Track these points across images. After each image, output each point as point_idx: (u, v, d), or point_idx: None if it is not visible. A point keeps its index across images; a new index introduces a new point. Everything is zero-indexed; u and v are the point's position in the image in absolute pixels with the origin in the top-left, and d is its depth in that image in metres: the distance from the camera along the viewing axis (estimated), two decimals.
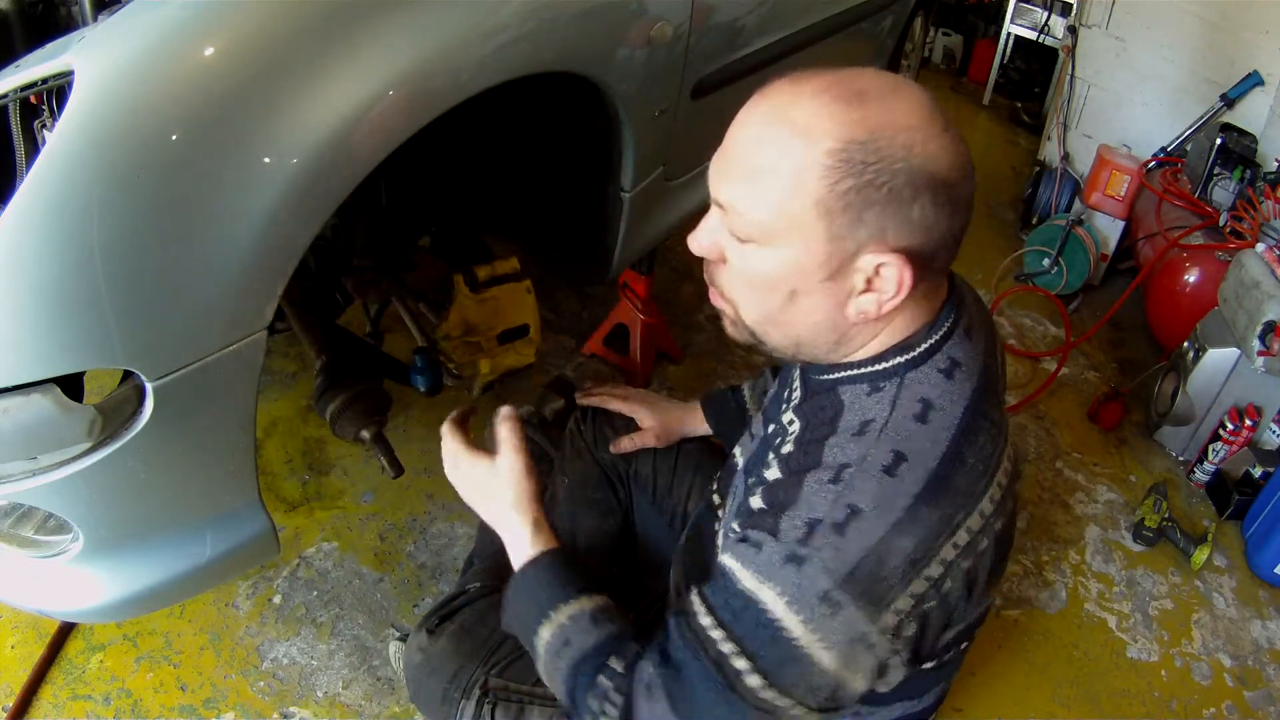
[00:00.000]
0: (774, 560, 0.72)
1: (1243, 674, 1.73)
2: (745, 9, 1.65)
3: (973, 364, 0.79)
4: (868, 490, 0.72)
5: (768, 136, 0.72)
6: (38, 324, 0.81)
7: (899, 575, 0.71)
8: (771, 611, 0.71)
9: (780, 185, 0.71)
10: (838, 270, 0.73)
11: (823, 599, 0.69)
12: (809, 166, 0.70)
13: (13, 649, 1.40)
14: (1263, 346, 1.94)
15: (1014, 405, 2.32)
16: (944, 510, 0.72)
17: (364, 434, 1.36)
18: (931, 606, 0.73)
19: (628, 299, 2.07)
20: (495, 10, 1.07)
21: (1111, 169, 2.78)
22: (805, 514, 0.72)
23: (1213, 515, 2.09)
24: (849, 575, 0.69)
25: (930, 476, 0.72)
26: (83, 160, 0.79)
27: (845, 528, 0.70)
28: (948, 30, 4.73)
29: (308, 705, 1.39)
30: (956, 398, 0.76)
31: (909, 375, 0.78)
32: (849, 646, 0.71)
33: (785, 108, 0.72)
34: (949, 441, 0.74)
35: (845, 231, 0.71)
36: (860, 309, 0.75)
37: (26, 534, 1.02)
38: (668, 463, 1.28)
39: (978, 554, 0.75)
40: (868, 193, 0.69)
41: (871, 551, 0.70)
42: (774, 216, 0.72)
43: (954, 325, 0.80)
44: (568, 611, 0.85)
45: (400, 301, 1.64)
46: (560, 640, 0.84)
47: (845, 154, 0.69)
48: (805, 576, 0.70)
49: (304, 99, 0.88)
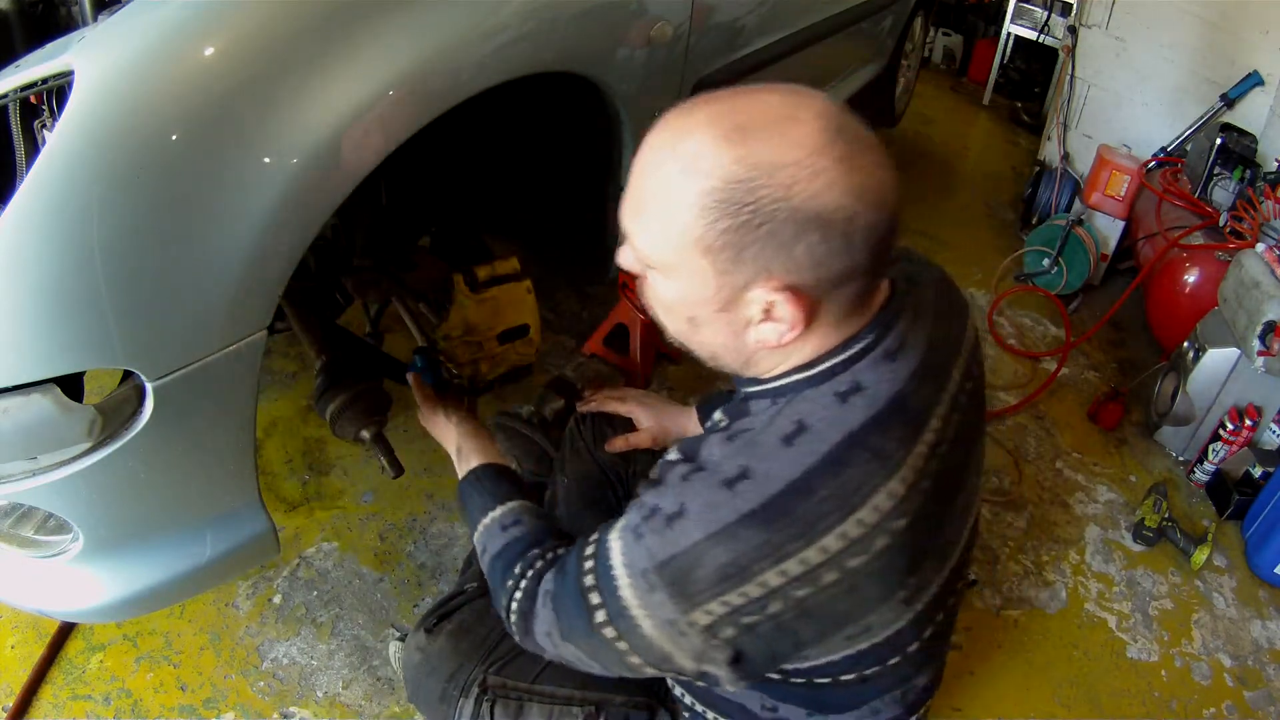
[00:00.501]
0: (629, 524, 0.78)
1: (1243, 674, 1.73)
2: (745, 9, 1.65)
3: (882, 390, 0.75)
4: (700, 496, 0.74)
5: (658, 168, 0.72)
6: (38, 324, 0.81)
7: (710, 582, 0.72)
8: (614, 566, 0.77)
9: (665, 221, 0.71)
10: (729, 302, 0.73)
11: (642, 574, 0.75)
12: (689, 204, 0.69)
13: (13, 649, 1.40)
14: (1263, 346, 1.94)
15: (1014, 405, 2.32)
16: (771, 536, 0.71)
17: (364, 434, 1.36)
18: (754, 621, 0.74)
19: (628, 299, 2.07)
20: (495, 10, 1.07)
21: (1111, 169, 2.78)
22: (656, 496, 0.77)
23: (1213, 515, 2.09)
24: (663, 564, 0.74)
25: (766, 500, 0.72)
26: (83, 160, 0.79)
27: (672, 522, 0.74)
28: (948, 30, 4.74)
29: (308, 705, 1.39)
30: (837, 425, 0.74)
31: (804, 393, 0.77)
32: (663, 625, 0.75)
33: (675, 139, 0.71)
34: (803, 470, 0.72)
35: (729, 268, 0.71)
36: (760, 338, 0.75)
37: (26, 534, 1.02)
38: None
39: (820, 586, 0.73)
40: (745, 233, 0.68)
41: (686, 552, 0.73)
42: (661, 250, 0.73)
43: (870, 347, 0.77)
44: (484, 522, 1.00)
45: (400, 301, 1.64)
46: (481, 544, 0.99)
47: (723, 193, 0.68)
48: (635, 550, 0.76)
49: (304, 99, 0.88)
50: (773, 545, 0.71)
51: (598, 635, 0.79)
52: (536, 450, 1.44)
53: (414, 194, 1.59)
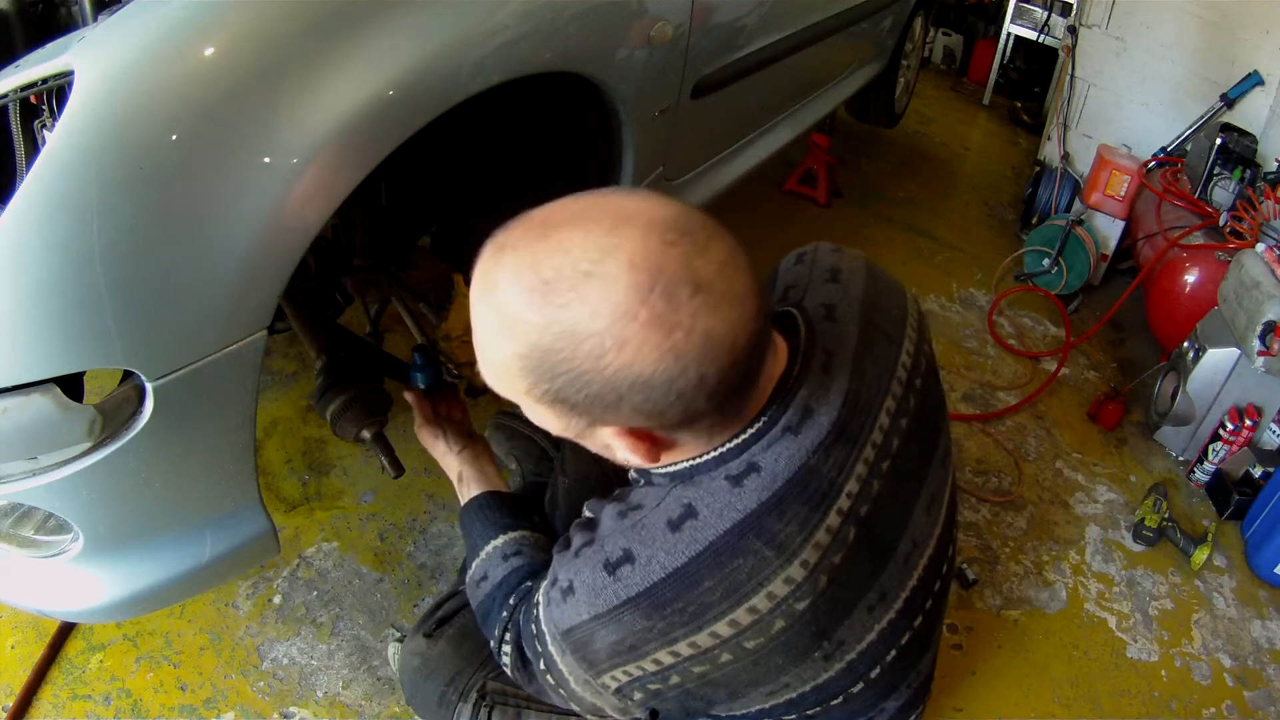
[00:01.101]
0: (546, 588, 0.81)
1: (1243, 674, 1.73)
2: (745, 9, 1.65)
3: (779, 469, 0.72)
4: (584, 576, 0.75)
5: (478, 317, 0.67)
6: (38, 324, 0.81)
7: (606, 655, 0.74)
8: (541, 622, 0.81)
9: (496, 370, 0.67)
10: (582, 434, 0.70)
11: (553, 639, 0.79)
12: (509, 363, 0.65)
13: (13, 649, 1.40)
14: (1263, 346, 1.94)
15: (1014, 405, 2.32)
16: (654, 623, 0.71)
17: (364, 434, 1.36)
18: (659, 688, 0.75)
19: None
20: (495, 10, 1.07)
21: (1111, 169, 2.78)
22: (556, 566, 0.80)
23: (1213, 515, 2.09)
24: (566, 634, 0.77)
25: (648, 589, 0.71)
26: (83, 160, 0.79)
27: (566, 597, 0.76)
28: (948, 30, 4.74)
29: (308, 705, 1.39)
30: (726, 513, 0.71)
31: (695, 478, 0.74)
32: (581, 683, 0.79)
33: (488, 290, 0.65)
34: (686, 560, 0.70)
35: (567, 414, 0.67)
36: (626, 458, 0.72)
37: (26, 534, 1.02)
38: None
39: (717, 664, 0.73)
40: (565, 396, 0.64)
41: (579, 627, 0.75)
42: (504, 392, 0.69)
43: (766, 428, 0.72)
44: (486, 550, 1.01)
45: (400, 301, 1.64)
46: (480, 573, 0.99)
47: (535, 360, 0.63)
48: (548, 614, 0.79)
49: (304, 99, 0.88)
50: (658, 631, 0.71)
51: (547, 680, 0.83)
52: (536, 450, 1.44)
53: (414, 194, 1.59)
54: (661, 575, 0.71)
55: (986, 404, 2.32)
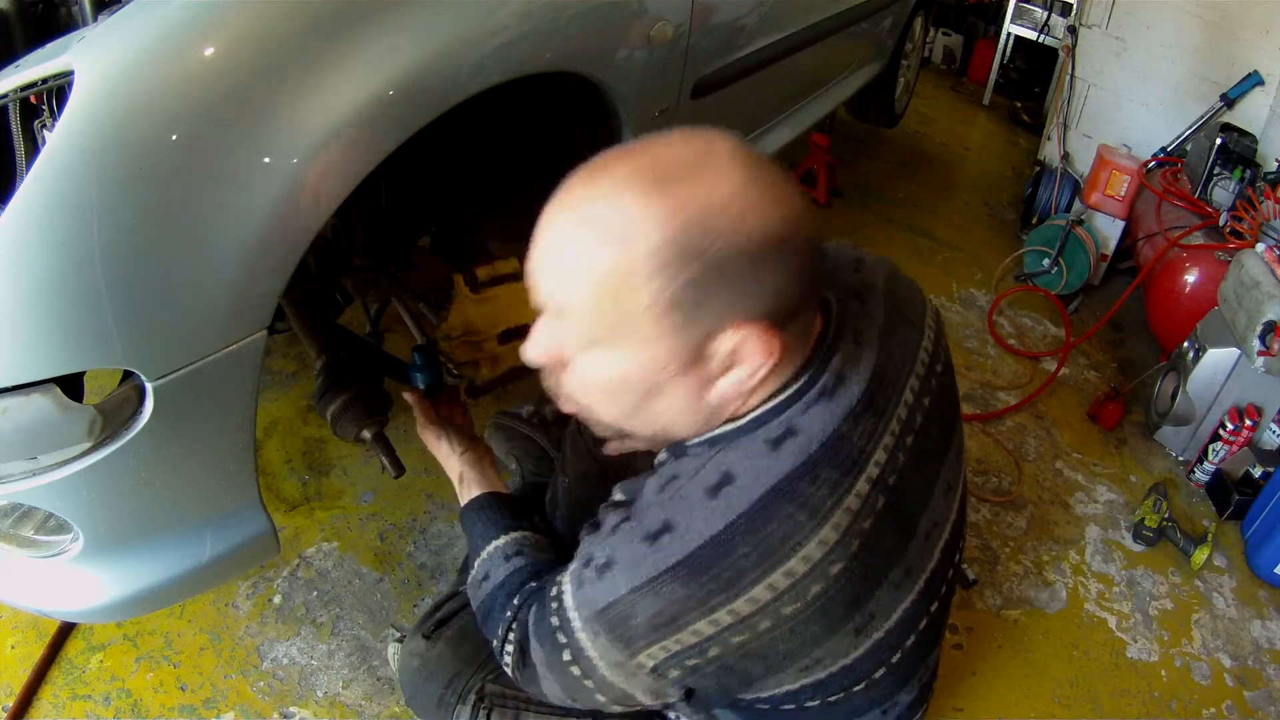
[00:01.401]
0: (574, 571, 0.80)
1: (1243, 674, 1.73)
2: (745, 9, 1.65)
3: (815, 431, 0.73)
4: (624, 549, 0.75)
5: (580, 242, 0.67)
6: (38, 324, 0.81)
7: (644, 630, 0.73)
8: (568, 609, 0.79)
9: (607, 292, 0.66)
10: (690, 361, 0.69)
11: (587, 621, 0.77)
12: (633, 271, 0.64)
13: (13, 649, 1.40)
14: (1263, 346, 1.94)
15: (1014, 405, 2.32)
16: (694, 591, 0.71)
17: (365, 434, 1.36)
18: (697, 663, 0.74)
19: None
20: (495, 10, 1.07)
21: (1111, 169, 2.78)
22: (590, 545, 0.80)
23: (1213, 515, 2.09)
24: (601, 612, 0.75)
25: (687, 556, 0.71)
26: (83, 160, 0.79)
27: (603, 573, 0.76)
28: (948, 30, 4.74)
29: (308, 705, 1.39)
30: (764, 476, 0.72)
31: (735, 442, 0.74)
32: (615, 667, 0.77)
33: (590, 207, 0.66)
34: (724, 526, 0.71)
35: (688, 324, 0.66)
36: (721, 393, 0.72)
37: (26, 534, 1.02)
38: None
39: (756, 633, 0.73)
40: (704, 282, 0.64)
41: (615, 603, 0.74)
42: (607, 322, 0.67)
43: (805, 388, 0.74)
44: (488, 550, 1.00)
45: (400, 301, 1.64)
46: (482, 573, 0.98)
47: (668, 251, 0.63)
48: (579, 597, 0.78)
49: (304, 99, 0.88)
50: (697, 599, 0.71)
51: (568, 673, 0.81)
52: (536, 450, 1.44)
53: (414, 194, 1.59)
54: (699, 542, 0.71)
55: (986, 404, 2.32)
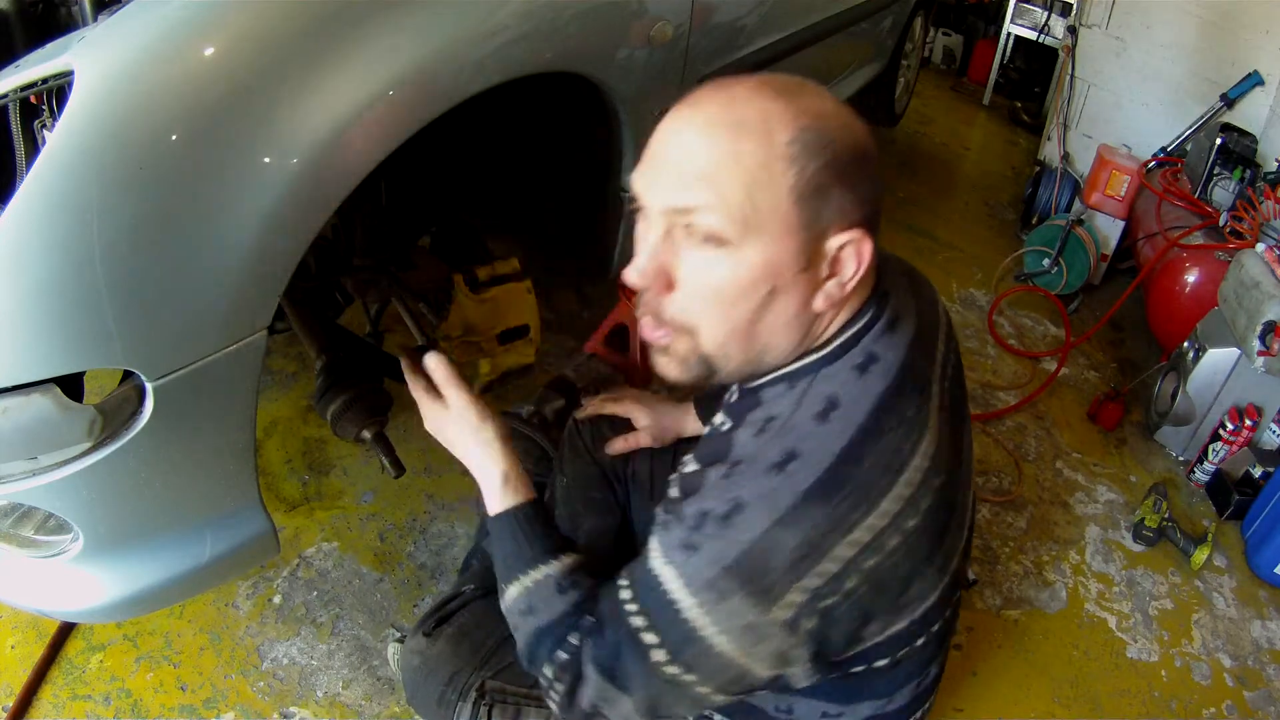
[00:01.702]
0: (674, 543, 0.75)
1: (1243, 674, 1.73)
2: (745, 9, 1.65)
3: (891, 359, 0.78)
4: (753, 486, 0.73)
5: (724, 140, 0.72)
6: (38, 324, 0.81)
7: (786, 569, 0.71)
8: (671, 592, 0.74)
9: (751, 180, 0.71)
10: (811, 258, 0.74)
11: (709, 585, 0.72)
12: (775, 157, 0.71)
13: (13, 649, 1.40)
14: (1263, 346, 1.94)
15: (1014, 405, 2.32)
16: (835, 509, 0.72)
17: (365, 434, 1.36)
18: (833, 603, 0.73)
19: (628, 299, 2.07)
20: (495, 10, 1.07)
21: (1111, 169, 2.79)
22: (699, 503, 0.75)
23: (1213, 515, 2.09)
24: (733, 565, 0.71)
25: (821, 475, 0.72)
26: (83, 160, 0.79)
27: (730, 520, 0.72)
28: (948, 30, 4.74)
29: (308, 705, 1.39)
30: (864, 396, 0.76)
31: (822, 372, 0.78)
32: (741, 634, 0.72)
33: (728, 110, 0.73)
34: (847, 441, 0.73)
35: (815, 215, 0.72)
36: (828, 296, 0.76)
37: (26, 534, 1.02)
38: (664, 464, 1.28)
39: (885, 553, 0.74)
40: (830, 172, 0.72)
41: (754, 545, 0.71)
42: (748, 211, 0.71)
43: (874, 319, 0.79)
44: (534, 577, 0.88)
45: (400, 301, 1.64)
46: (525, 604, 0.87)
47: (803, 140, 0.71)
48: (695, 562, 0.73)
49: (304, 99, 0.88)
50: (837, 518, 0.72)
51: (658, 677, 0.75)
52: (536, 450, 1.44)
53: (414, 194, 1.59)
54: (830, 459, 0.72)
55: (986, 404, 2.32)
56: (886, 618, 0.80)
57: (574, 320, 2.31)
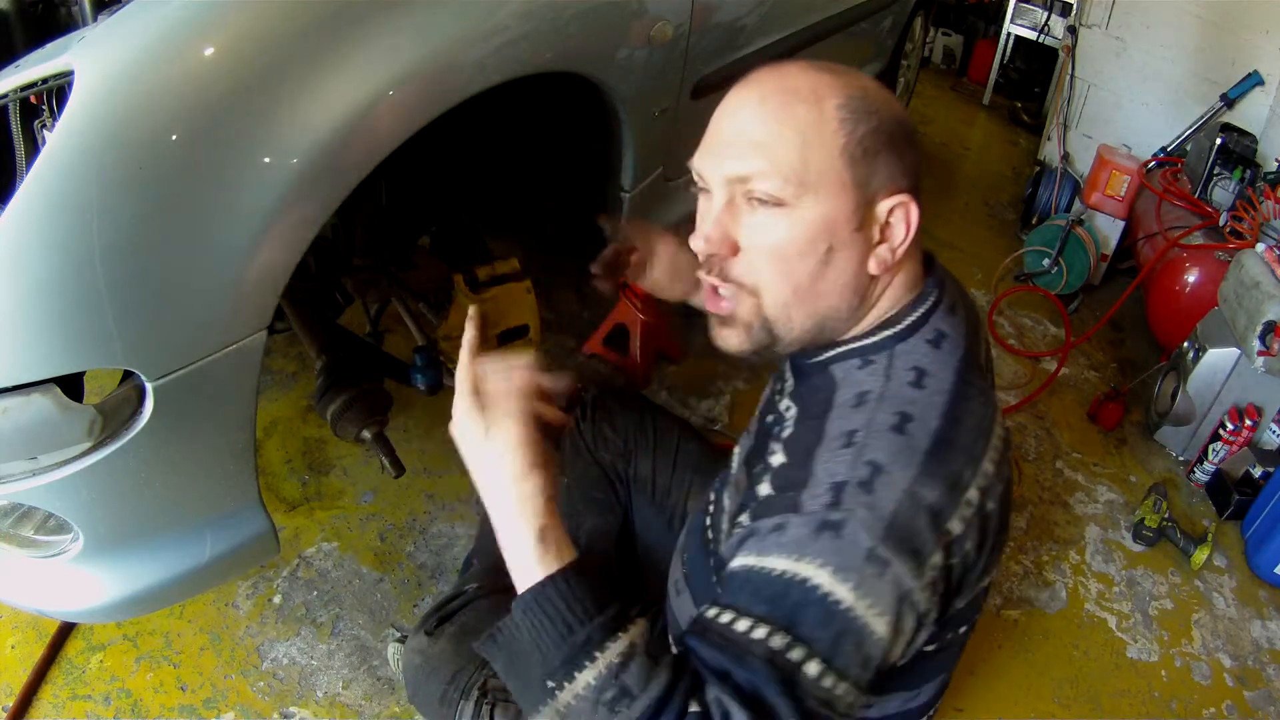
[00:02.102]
0: (805, 534, 0.68)
1: (1243, 674, 1.73)
2: (745, 9, 1.65)
3: (957, 336, 0.81)
4: (883, 447, 0.71)
5: (776, 108, 0.75)
6: (38, 324, 0.81)
7: (930, 527, 0.69)
8: (819, 586, 0.66)
9: (804, 142, 0.74)
10: (864, 219, 0.77)
11: (869, 558, 0.66)
12: (826, 120, 0.74)
13: (13, 649, 1.40)
14: (1263, 346, 1.94)
15: (1014, 405, 2.32)
16: (953, 467, 0.72)
17: (365, 434, 1.36)
18: (955, 563, 0.72)
19: (628, 299, 2.07)
20: (495, 10, 1.07)
21: (1111, 169, 2.78)
22: (826, 481, 0.70)
23: (1213, 515, 2.09)
24: (888, 529, 0.67)
25: (935, 435, 0.72)
26: (83, 160, 0.79)
27: (872, 483, 0.69)
28: (948, 30, 4.73)
29: (308, 705, 1.39)
30: (945, 366, 0.78)
31: (898, 348, 0.80)
32: (898, 607, 0.67)
33: (780, 83, 0.77)
34: (945, 404, 0.75)
35: (866, 176, 0.76)
36: (880, 259, 0.79)
37: (26, 534, 1.02)
38: (667, 463, 1.28)
39: (984, 515, 0.74)
40: (878, 137, 0.75)
41: (902, 503, 0.68)
42: (802, 172, 0.74)
43: (938, 301, 0.83)
44: (617, 650, 0.67)
45: (400, 301, 1.64)
46: (613, 689, 0.66)
47: (851, 106, 0.75)
48: (845, 540, 0.67)
49: (304, 99, 0.88)
50: (956, 475, 0.72)
51: (813, 698, 0.65)
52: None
53: (414, 194, 1.59)
54: (939, 419, 0.74)
55: None
56: (966, 592, 0.78)
57: (574, 320, 2.31)
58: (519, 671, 0.71)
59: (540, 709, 0.68)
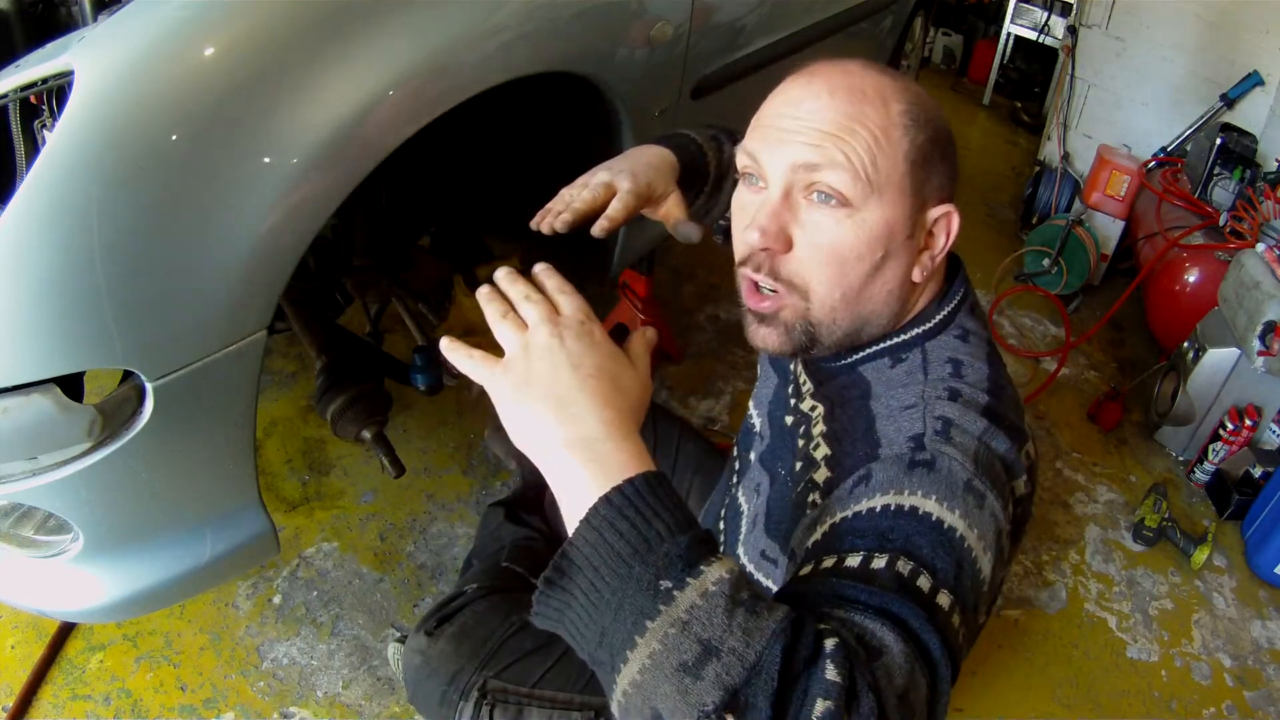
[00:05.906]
0: (897, 472, 0.65)
1: (1243, 674, 1.73)
2: (745, 9, 1.65)
3: (982, 333, 0.83)
4: (945, 410, 0.73)
5: (845, 104, 0.74)
6: (38, 324, 0.81)
7: (1005, 474, 0.71)
8: (930, 513, 0.61)
9: (874, 142, 0.73)
10: (915, 227, 0.77)
11: (968, 489, 0.64)
12: (892, 123, 0.73)
13: (13, 649, 1.40)
14: (1263, 346, 1.94)
15: None
16: (1013, 428, 0.74)
17: (365, 434, 1.36)
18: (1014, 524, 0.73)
19: (628, 299, 2.07)
20: (495, 10, 1.07)
21: (1111, 169, 2.78)
22: (899, 437, 0.71)
23: (1213, 515, 2.09)
24: (976, 462, 0.67)
25: (987, 407, 0.74)
26: (83, 160, 0.79)
27: (948, 432, 0.70)
28: (948, 30, 4.74)
29: (308, 705, 1.39)
30: (977, 353, 0.80)
31: (928, 344, 0.81)
32: (997, 543, 0.64)
33: (846, 79, 0.75)
34: (989, 385, 0.77)
35: (921, 184, 0.75)
36: (922, 268, 0.79)
37: (26, 534, 1.02)
38: (667, 463, 1.28)
39: (1029, 492, 0.75)
40: (934, 145, 0.75)
41: (980, 449, 0.69)
42: (871, 173, 0.73)
43: (964, 299, 0.84)
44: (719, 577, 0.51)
45: (400, 301, 1.64)
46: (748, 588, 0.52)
47: (912, 112, 0.75)
48: (941, 472, 0.65)
49: (304, 99, 0.88)
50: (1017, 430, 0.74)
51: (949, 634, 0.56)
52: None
53: (414, 194, 1.59)
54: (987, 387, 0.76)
55: None
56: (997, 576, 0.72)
57: None
58: (607, 584, 0.52)
59: (647, 623, 0.50)
